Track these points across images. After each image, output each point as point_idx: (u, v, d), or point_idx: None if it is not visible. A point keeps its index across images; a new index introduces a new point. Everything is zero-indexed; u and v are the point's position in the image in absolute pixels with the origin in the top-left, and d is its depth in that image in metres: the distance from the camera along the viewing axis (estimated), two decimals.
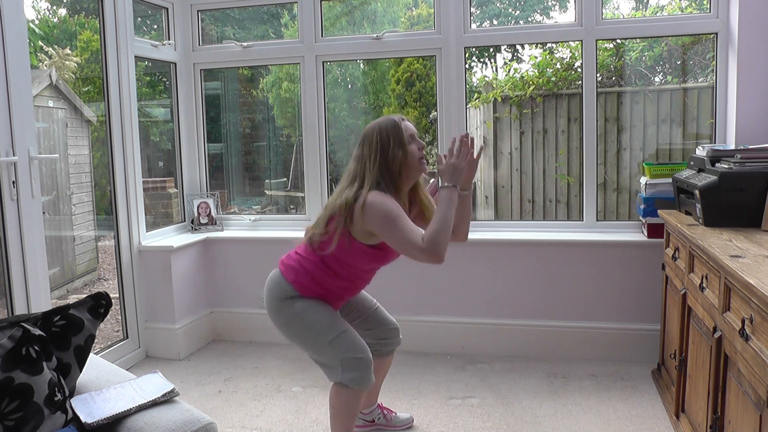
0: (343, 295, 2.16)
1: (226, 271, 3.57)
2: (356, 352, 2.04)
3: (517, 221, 4.01)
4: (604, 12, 3.15)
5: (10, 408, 1.28)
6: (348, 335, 2.06)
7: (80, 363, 1.50)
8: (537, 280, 3.15)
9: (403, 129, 2.01)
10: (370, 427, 2.47)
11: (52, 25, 5.22)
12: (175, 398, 1.47)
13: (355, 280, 2.13)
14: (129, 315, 3.27)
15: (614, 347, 3.08)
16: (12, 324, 1.38)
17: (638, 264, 3.03)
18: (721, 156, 2.37)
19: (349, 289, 2.15)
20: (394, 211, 1.89)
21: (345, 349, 2.03)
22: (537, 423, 2.49)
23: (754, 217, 2.17)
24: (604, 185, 3.93)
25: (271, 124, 4.63)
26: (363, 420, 2.46)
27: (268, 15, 4.73)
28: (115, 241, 3.24)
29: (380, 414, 2.48)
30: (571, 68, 4.23)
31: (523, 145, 4.28)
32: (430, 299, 3.30)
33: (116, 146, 3.14)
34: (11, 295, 2.42)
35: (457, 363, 3.14)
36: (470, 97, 4.57)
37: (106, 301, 1.56)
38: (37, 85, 4.07)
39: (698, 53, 3.83)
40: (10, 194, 2.38)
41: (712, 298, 1.89)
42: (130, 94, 3.16)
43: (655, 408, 2.58)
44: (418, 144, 2.02)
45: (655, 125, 3.80)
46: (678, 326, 2.36)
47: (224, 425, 2.54)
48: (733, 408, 1.71)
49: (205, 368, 3.18)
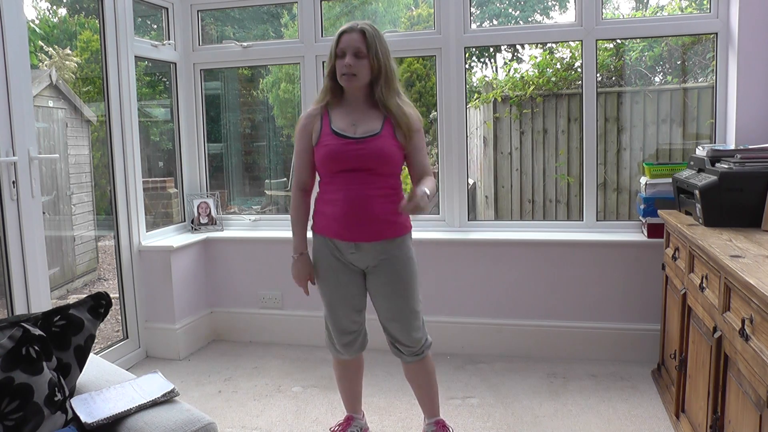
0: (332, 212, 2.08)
1: (226, 271, 3.57)
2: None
3: (517, 221, 4.01)
4: (604, 12, 3.15)
5: (10, 408, 1.28)
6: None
7: (80, 363, 1.50)
8: (537, 280, 3.15)
9: (333, 41, 2.03)
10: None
11: (52, 25, 5.21)
12: (175, 398, 1.47)
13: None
14: (129, 315, 3.27)
15: (614, 347, 3.08)
16: (12, 324, 1.38)
17: (638, 264, 3.03)
18: (721, 156, 2.37)
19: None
20: (296, 135, 2.13)
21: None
22: (537, 423, 2.49)
23: (754, 217, 2.17)
24: (604, 185, 3.93)
25: (271, 124, 4.62)
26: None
27: (268, 15, 4.73)
28: (115, 241, 3.24)
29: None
30: (571, 68, 4.23)
31: (523, 145, 4.28)
32: (430, 299, 3.29)
33: (116, 146, 3.14)
34: (11, 295, 2.42)
35: (457, 363, 3.14)
36: (470, 97, 4.57)
37: (106, 301, 1.56)
38: (37, 85, 4.07)
39: (698, 53, 3.83)
40: (10, 194, 2.38)
41: (712, 298, 1.89)
42: (130, 94, 3.16)
43: (655, 408, 2.58)
44: (344, 60, 1.98)
45: (655, 125, 3.80)
46: (678, 326, 2.36)
47: (224, 425, 2.54)
48: (733, 408, 1.71)
49: (205, 368, 3.18)
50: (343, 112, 2.07)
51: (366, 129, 2.03)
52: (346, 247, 2.07)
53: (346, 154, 2.00)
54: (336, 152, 2.01)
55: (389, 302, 2.12)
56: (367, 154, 2.00)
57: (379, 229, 2.04)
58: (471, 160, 4.64)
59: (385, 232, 2.06)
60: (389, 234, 2.06)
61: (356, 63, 1.98)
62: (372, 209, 2.02)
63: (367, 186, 2.01)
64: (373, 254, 2.07)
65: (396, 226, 2.08)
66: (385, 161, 2.02)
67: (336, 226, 2.06)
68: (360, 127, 2.03)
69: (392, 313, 2.13)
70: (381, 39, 2.03)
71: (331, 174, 2.05)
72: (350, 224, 2.03)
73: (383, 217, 2.03)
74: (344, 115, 2.06)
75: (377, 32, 2.02)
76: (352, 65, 1.98)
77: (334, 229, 2.07)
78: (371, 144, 2.01)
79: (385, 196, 2.04)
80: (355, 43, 1.98)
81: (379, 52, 2.00)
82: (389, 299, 2.12)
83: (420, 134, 2.10)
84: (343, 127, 2.04)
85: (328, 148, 2.02)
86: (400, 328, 2.14)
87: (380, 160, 2.01)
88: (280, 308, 3.48)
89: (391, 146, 2.03)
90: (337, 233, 2.07)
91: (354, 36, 1.99)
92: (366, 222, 2.02)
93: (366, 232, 2.04)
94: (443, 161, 3.34)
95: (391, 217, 2.05)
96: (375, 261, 2.09)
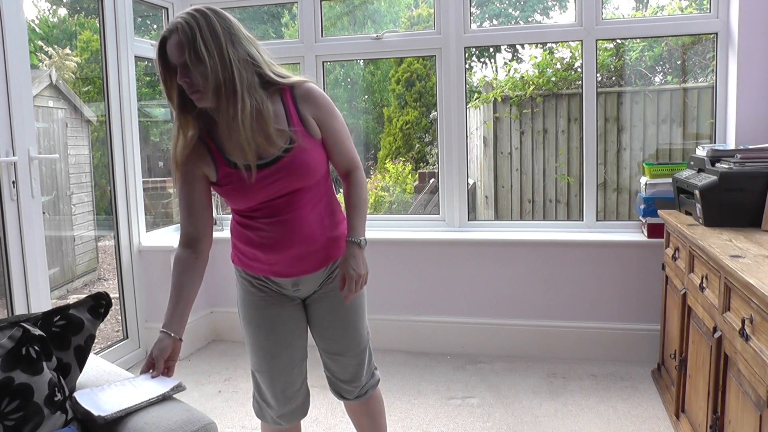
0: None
1: (226, 271, 3.54)
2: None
3: (517, 221, 4.02)
4: (604, 12, 3.15)
5: (10, 408, 1.28)
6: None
7: (80, 363, 1.50)
8: (537, 280, 3.15)
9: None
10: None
11: (52, 25, 5.21)
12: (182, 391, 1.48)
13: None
14: (129, 315, 3.27)
15: (614, 347, 3.08)
16: (12, 324, 1.38)
17: (638, 264, 3.03)
18: (721, 156, 2.37)
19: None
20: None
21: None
22: (537, 423, 2.49)
23: (754, 217, 2.17)
24: (604, 185, 3.93)
25: None
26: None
27: (269, 15, 4.73)
28: (115, 241, 3.24)
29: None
30: (571, 68, 4.24)
31: (523, 145, 4.29)
32: (430, 299, 3.29)
33: (116, 146, 3.14)
34: (11, 295, 2.42)
35: (457, 363, 3.14)
36: (470, 97, 4.57)
37: (106, 301, 1.56)
38: (37, 85, 4.07)
39: (698, 53, 3.83)
40: (10, 194, 2.38)
41: (712, 298, 1.89)
42: (130, 94, 3.16)
43: (655, 408, 2.58)
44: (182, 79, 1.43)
45: (655, 125, 3.80)
46: (678, 326, 2.36)
47: (224, 425, 2.54)
48: (733, 408, 1.71)
49: (205, 368, 3.18)
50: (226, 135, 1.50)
51: (267, 152, 1.51)
52: (285, 283, 1.66)
53: (260, 189, 1.54)
54: (245, 192, 1.55)
55: (334, 334, 1.72)
56: (286, 177, 1.54)
57: (325, 254, 1.64)
58: (471, 160, 4.64)
59: (332, 254, 1.65)
60: (335, 254, 1.66)
61: (190, 84, 1.43)
62: (309, 232, 1.59)
63: (297, 207, 1.57)
64: (316, 280, 1.68)
65: (340, 241, 1.66)
66: (311, 173, 1.57)
67: (268, 266, 1.62)
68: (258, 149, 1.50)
69: (338, 347, 1.73)
70: (209, 28, 1.41)
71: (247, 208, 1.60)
72: (287, 260, 1.60)
73: (326, 235, 1.62)
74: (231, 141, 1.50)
75: (200, 22, 1.40)
76: (189, 86, 1.43)
77: (265, 268, 1.63)
78: (286, 163, 1.53)
79: (314, 212, 1.60)
80: (178, 59, 1.42)
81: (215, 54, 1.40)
82: (334, 330, 1.72)
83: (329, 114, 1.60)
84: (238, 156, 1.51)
85: (232, 185, 1.55)
86: (344, 367, 1.75)
87: (303, 175, 1.55)
88: None
89: (307, 155, 1.55)
90: (271, 272, 1.63)
91: (172, 44, 1.42)
92: (306, 252, 1.60)
93: (310, 263, 1.63)
94: (443, 161, 3.34)
95: (332, 232, 1.64)
96: (318, 286, 1.70)
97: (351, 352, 1.74)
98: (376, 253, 2.70)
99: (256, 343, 1.69)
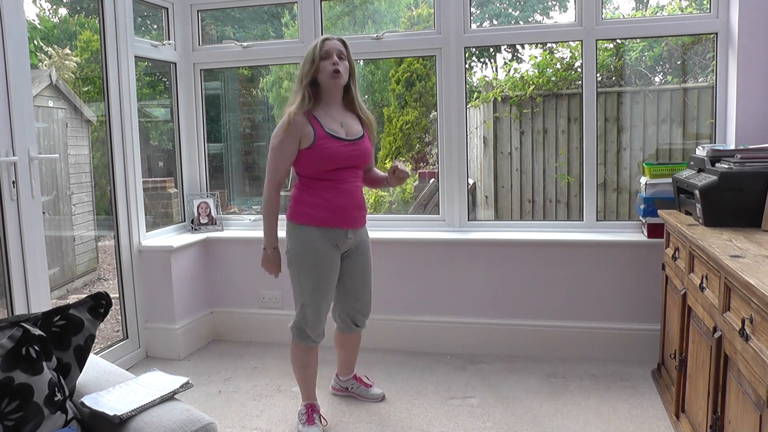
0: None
1: (226, 271, 3.57)
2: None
3: (517, 221, 4.02)
4: (604, 12, 3.15)
5: (10, 408, 1.28)
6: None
7: (80, 363, 1.50)
8: (537, 280, 3.15)
9: (316, 47, 2.31)
10: (344, 393, 2.76)
11: (52, 25, 5.21)
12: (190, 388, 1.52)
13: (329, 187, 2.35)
14: (129, 315, 3.27)
15: (614, 347, 3.08)
16: (12, 324, 1.38)
17: (638, 264, 3.03)
18: (721, 156, 2.37)
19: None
20: (275, 138, 2.30)
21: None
22: (537, 423, 2.49)
23: (754, 217, 2.17)
24: (604, 185, 3.93)
25: (271, 124, 4.63)
26: (339, 385, 2.77)
27: (269, 15, 4.73)
28: (115, 241, 3.24)
29: (355, 384, 2.75)
30: (571, 68, 4.23)
31: (523, 145, 4.29)
32: (430, 299, 3.29)
33: (116, 146, 3.14)
34: (11, 295, 2.42)
35: (457, 363, 3.14)
36: (470, 97, 4.57)
37: (106, 301, 1.56)
38: (37, 85, 4.07)
39: (698, 53, 3.83)
40: (10, 194, 2.38)
41: (712, 298, 1.89)
42: (130, 94, 3.16)
43: (655, 408, 2.58)
44: (332, 60, 2.28)
45: (655, 125, 3.80)
46: (678, 326, 2.36)
47: (224, 425, 2.54)
48: (733, 408, 1.71)
49: (205, 368, 3.18)
50: (327, 116, 2.33)
51: (353, 131, 2.35)
52: (342, 233, 2.34)
53: (344, 154, 2.30)
54: (336, 153, 2.27)
55: (363, 281, 2.49)
56: (358, 155, 2.35)
57: (364, 215, 2.43)
58: (471, 160, 4.64)
59: (364, 218, 2.45)
60: (365, 222, 2.46)
61: (341, 63, 2.30)
62: (360, 199, 2.38)
63: (356, 179, 2.37)
64: (356, 238, 2.41)
65: (365, 215, 2.46)
66: (368, 160, 2.43)
67: (338, 216, 2.31)
68: (347, 129, 2.34)
69: (362, 291, 2.49)
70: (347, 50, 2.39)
71: (325, 172, 2.29)
72: (349, 213, 2.34)
73: (364, 205, 2.42)
74: (330, 118, 2.32)
75: (346, 43, 2.39)
76: (339, 64, 2.29)
77: (336, 218, 2.31)
78: (361, 145, 2.35)
79: (361, 188, 2.42)
80: (337, 47, 2.31)
81: (351, 58, 2.37)
82: (363, 277, 2.48)
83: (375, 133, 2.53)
84: (335, 129, 2.31)
85: (329, 149, 2.26)
86: (366, 303, 2.53)
87: (365, 159, 2.40)
88: (280, 308, 3.48)
89: (370, 147, 2.42)
90: (340, 221, 2.32)
91: (335, 42, 2.33)
92: (357, 210, 2.36)
93: (359, 219, 2.39)
94: (443, 161, 3.34)
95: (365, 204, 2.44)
96: (356, 243, 2.43)
97: (369, 291, 2.53)
98: (376, 253, 2.70)
99: (315, 283, 2.31)
